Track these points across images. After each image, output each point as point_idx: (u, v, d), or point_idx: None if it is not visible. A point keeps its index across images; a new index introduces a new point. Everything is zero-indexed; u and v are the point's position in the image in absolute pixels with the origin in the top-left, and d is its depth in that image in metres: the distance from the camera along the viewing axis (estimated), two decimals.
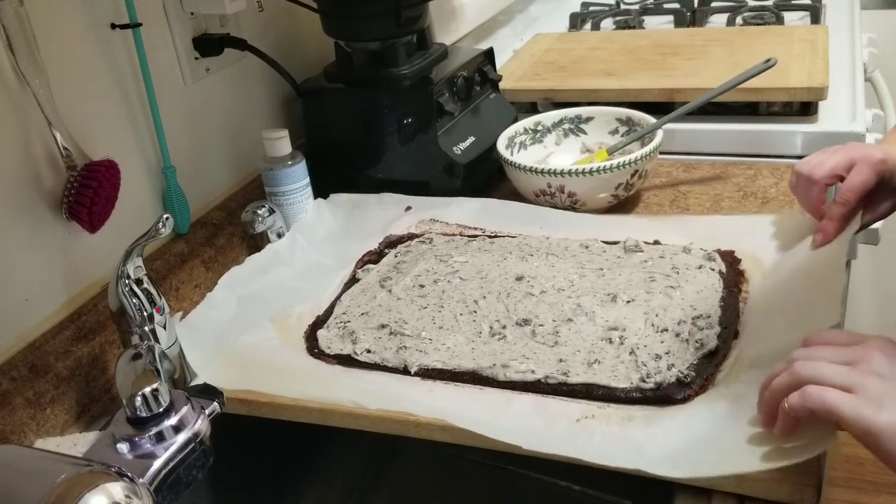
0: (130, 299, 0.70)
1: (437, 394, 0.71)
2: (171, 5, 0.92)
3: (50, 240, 0.78)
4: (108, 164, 0.78)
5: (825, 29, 1.33)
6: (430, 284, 0.86)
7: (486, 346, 0.75)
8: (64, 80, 0.78)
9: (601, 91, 1.17)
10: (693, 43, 1.31)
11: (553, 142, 1.10)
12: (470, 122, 1.07)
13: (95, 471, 0.50)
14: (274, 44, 1.08)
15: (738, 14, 1.51)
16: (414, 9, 1.01)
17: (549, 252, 0.89)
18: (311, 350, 0.80)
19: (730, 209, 0.96)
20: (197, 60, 0.96)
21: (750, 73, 0.98)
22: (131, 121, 0.88)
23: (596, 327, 0.76)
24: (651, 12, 1.61)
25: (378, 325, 0.80)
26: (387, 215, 1.01)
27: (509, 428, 0.65)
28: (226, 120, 1.02)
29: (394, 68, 1.02)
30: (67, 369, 0.75)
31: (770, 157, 1.07)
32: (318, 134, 1.09)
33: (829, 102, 1.10)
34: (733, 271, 0.82)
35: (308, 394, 0.73)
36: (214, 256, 0.94)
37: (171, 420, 0.63)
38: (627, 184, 0.95)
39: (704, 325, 0.73)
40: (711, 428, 0.62)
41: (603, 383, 0.69)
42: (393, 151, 1.04)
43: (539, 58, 1.33)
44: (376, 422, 0.70)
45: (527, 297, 0.81)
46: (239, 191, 1.04)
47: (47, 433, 0.72)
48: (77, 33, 0.81)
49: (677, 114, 1.00)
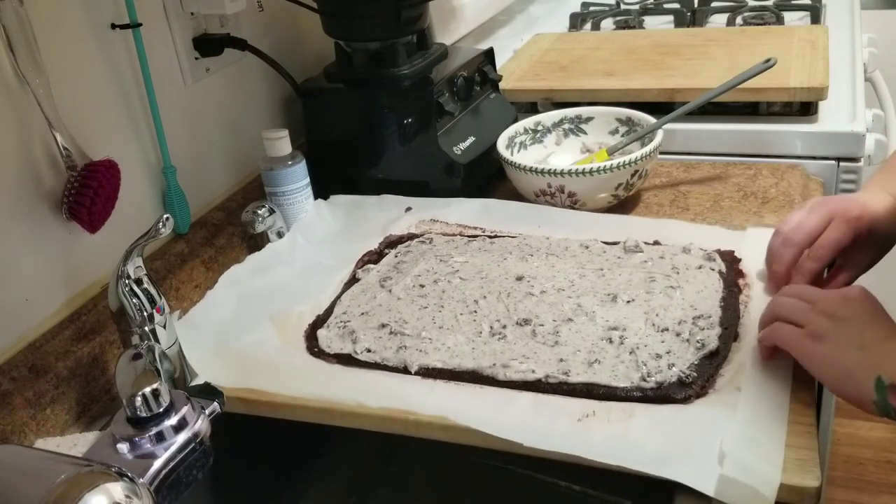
0: (130, 299, 0.70)
1: (437, 393, 0.71)
2: (171, 5, 0.92)
3: (50, 240, 0.78)
4: (108, 164, 0.78)
5: (825, 29, 1.33)
6: (430, 284, 0.86)
7: (486, 346, 0.75)
8: (64, 80, 0.78)
9: (601, 91, 1.17)
10: (693, 43, 1.31)
11: (553, 142, 1.10)
12: (470, 122, 1.07)
13: (95, 471, 0.50)
14: (274, 44, 1.08)
15: (738, 14, 1.51)
16: (414, 9, 1.00)
17: (550, 252, 0.89)
18: (311, 349, 0.80)
19: (730, 209, 0.96)
20: (197, 60, 0.96)
21: (750, 73, 0.98)
22: (131, 121, 0.88)
23: (596, 327, 0.76)
24: (651, 12, 1.61)
25: (378, 325, 0.80)
26: (387, 215, 1.01)
27: (510, 426, 0.65)
28: (226, 120, 1.02)
29: (394, 68, 1.02)
30: (67, 369, 0.75)
31: (770, 157, 1.07)
32: (318, 134, 1.09)
33: (829, 102, 1.10)
34: (733, 271, 0.82)
35: (308, 393, 0.73)
36: (214, 256, 0.94)
37: (171, 420, 0.63)
38: (627, 184, 0.95)
39: (705, 325, 0.73)
40: (711, 431, 0.62)
41: (603, 383, 0.69)
42: (393, 151, 1.04)
43: (539, 58, 1.33)
44: (377, 421, 0.70)
45: (527, 296, 0.81)
46: (239, 191, 1.04)
47: (47, 433, 0.72)
48: (77, 33, 0.81)
49: (677, 114, 1.00)
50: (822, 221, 0.75)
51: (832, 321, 0.64)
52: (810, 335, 0.64)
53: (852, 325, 0.63)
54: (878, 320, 0.63)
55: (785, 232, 0.77)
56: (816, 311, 0.65)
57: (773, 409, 0.63)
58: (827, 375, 0.63)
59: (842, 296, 0.65)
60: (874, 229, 0.76)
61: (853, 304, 0.64)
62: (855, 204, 0.76)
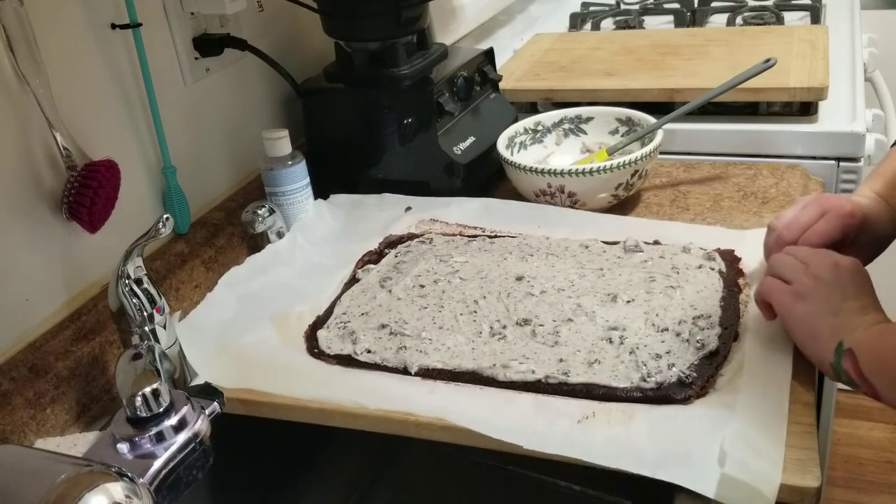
0: (130, 299, 0.70)
1: (437, 394, 0.71)
2: (171, 5, 0.92)
3: (50, 240, 0.78)
4: (108, 164, 0.78)
5: (825, 29, 1.33)
6: (430, 284, 0.86)
7: (486, 346, 0.75)
8: (64, 80, 0.78)
9: (601, 91, 1.17)
10: (693, 43, 1.31)
11: (553, 142, 1.10)
12: (470, 122, 1.07)
13: (95, 471, 0.50)
14: (274, 44, 1.08)
15: (738, 14, 1.51)
16: (414, 9, 1.00)
17: (549, 252, 0.89)
18: (311, 350, 0.80)
19: (730, 209, 0.96)
20: (197, 60, 0.96)
21: (750, 73, 0.98)
22: (131, 121, 0.88)
23: (596, 327, 0.76)
24: (651, 12, 1.61)
25: (378, 325, 0.80)
26: (387, 215, 1.01)
27: (510, 428, 0.65)
28: (226, 120, 1.02)
29: (394, 68, 1.02)
30: (67, 369, 0.75)
31: (770, 157, 1.07)
32: (318, 134, 1.09)
33: (829, 102, 1.10)
34: (733, 270, 0.82)
35: (308, 394, 0.73)
36: (214, 256, 0.94)
37: (171, 420, 0.63)
38: (627, 184, 0.95)
39: (705, 325, 0.73)
40: (711, 431, 0.62)
41: (603, 383, 0.69)
42: (393, 151, 1.04)
43: (539, 58, 1.33)
44: (376, 422, 0.70)
45: (527, 297, 0.81)
46: (239, 191, 1.04)
47: (47, 433, 0.72)
48: (77, 33, 0.80)
49: (677, 114, 1.00)
50: (815, 217, 0.76)
51: (817, 283, 0.67)
52: (794, 292, 0.67)
53: (834, 291, 0.66)
54: (862, 293, 0.66)
55: (779, 228, 0.77)
56: (806, 271, 0.68)
57: (773, 409, 0.63)
58: (797, 333, 0.67)
59: (833, 262, 0.68)
60: (865, 228, 0.76)
61: (841, 271, 0.67)
62: (847, 201, 0.76)
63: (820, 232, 0.75)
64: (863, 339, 0.61)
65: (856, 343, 0.61)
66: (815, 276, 0.67)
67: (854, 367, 0.61)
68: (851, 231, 0.76)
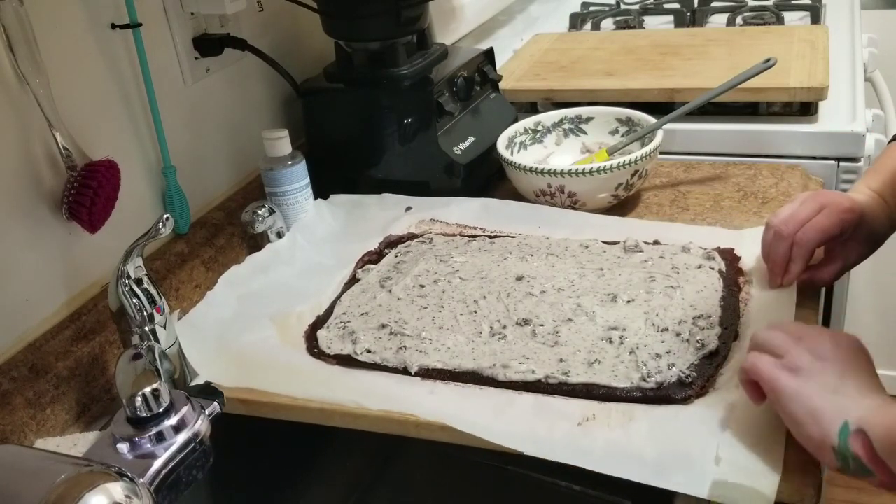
0: (130, 299, 0.70)
1: (437, 394, 0.71)
2: (171, 5, 0.92)
3: (50, 240, 0.78)
4: (108, 164, 0.78)
5: (825, 29, 1.33)
6: (430, 284, 0.86)
7: (486, 347, 0.75)
8: (64, 80, 0.78)
9: (601, 91, 1.17)
10: (693, 43, 1.31)
11: (553, 142, 1.10)
12: (470, 122, 1.07)
13: (95, 471, 0.50)
14: (274, 44, 1.08)
15: (738, 14, 1.51)
16: (414, 9, 1.00)
17: (549, 252, 0.89)
18: (311, 350, 0.80)
19: (730, 209, 0.96)
20: (197, 60, 0.96)
21: (750, 73, 0.98)
22: (131, 121, 0.88)
23: (596, 327, 0.76)
24: (651, 12, 1.61)
25: (378, 326, 0.80)
26: (387, 215, 1.01)
27: (510, 432, 0.65)
28: (226, 120, 1.02)
29: (394, 68, 1.02)
30: (67, 369, 0.75)
31: (770, 157, 1.07)
32: (318, 134, 1.09)
33: (829, 102, 1.09)
34: (733, 270, 0.82)
35: (308, 394, 0.73)
36: (214, 256, 0.94)
37: (171, 420, 0.63)
38: (627, 184, 0.95)
39: (705, 325, 0.73)
40: (711, 431, 0.62)
41: (603, 383, 0.69)
42: (393, 151, 1.04)
43: (539, 58, 1.33)
44: (377, 422, 0.70)
45: (527, 297, 0.81)
46: (239, 191, 1.04)
47: (47, 433, 0.72)
48: (77, 33, 0.80)
49: (677, 114, 1.00)
50: (813, 212, 0.75)
51: (813, 357, 0.59)
52: (786, 366, 0.59)
53: (833, 367, 0.59)
54: (862, 372, 0.59)
55: (776, 224, 0.77)
56: (799, 345, 0.61)
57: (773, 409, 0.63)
58: (792, 412, 0.58)
59: (831, 337, 0.61)
60: (862, 224, 0.76)
61: (841, 348, 0.60)
62: (845, 198, 0.76)
63: (818, 226, 0.74)
64: (874, 418, 0.54)
65: (866, 423, 0.54)
66: (810, 350, 0.60)
67: (866, 450, 0.54)
68: (849, 227, 0.75)
